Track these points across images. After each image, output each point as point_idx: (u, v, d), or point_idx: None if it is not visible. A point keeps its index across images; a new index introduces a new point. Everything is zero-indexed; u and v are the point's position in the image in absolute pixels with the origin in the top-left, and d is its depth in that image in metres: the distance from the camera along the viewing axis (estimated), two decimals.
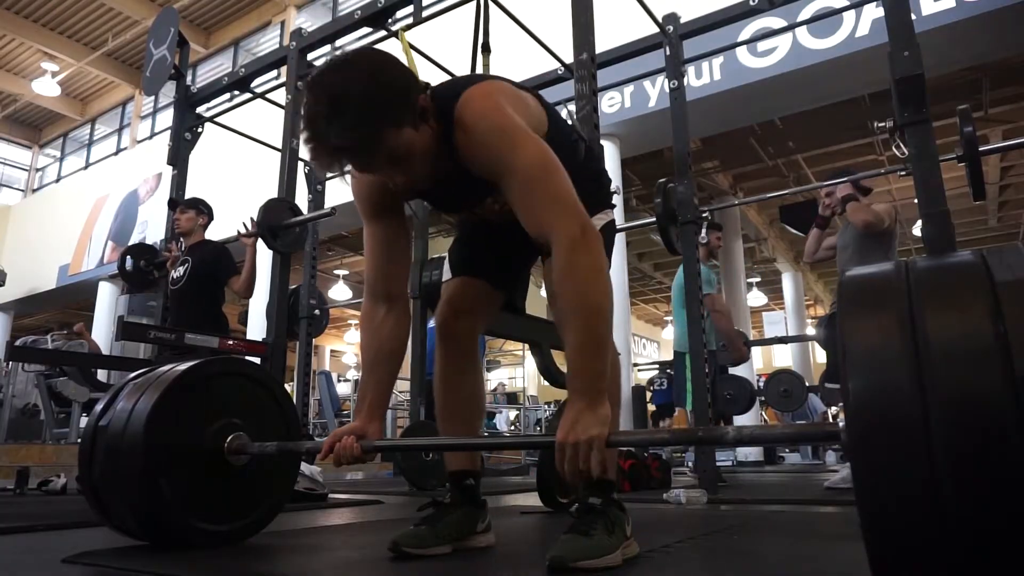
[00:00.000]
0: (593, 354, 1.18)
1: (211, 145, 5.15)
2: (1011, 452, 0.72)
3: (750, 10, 3.60)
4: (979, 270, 0.81)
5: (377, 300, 1.48)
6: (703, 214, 3.73)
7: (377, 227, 1.47)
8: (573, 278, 1.19)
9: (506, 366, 16.02)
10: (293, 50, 3.92)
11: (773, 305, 15.95)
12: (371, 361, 1.45)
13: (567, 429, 1.14)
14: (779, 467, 8.52)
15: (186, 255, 3.88)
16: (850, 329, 0.84)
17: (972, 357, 0.76)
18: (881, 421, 0.79)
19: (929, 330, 0.79)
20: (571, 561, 1.21)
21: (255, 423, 1.66)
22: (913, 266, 0.87)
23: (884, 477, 0.80)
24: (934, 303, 0.81)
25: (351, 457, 1.35)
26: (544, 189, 1.25)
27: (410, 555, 1.37)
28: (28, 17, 12.82)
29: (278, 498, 1.75)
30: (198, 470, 1.56)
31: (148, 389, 1.55)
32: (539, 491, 2.52)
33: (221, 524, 1.61)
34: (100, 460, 1.55)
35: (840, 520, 2.27)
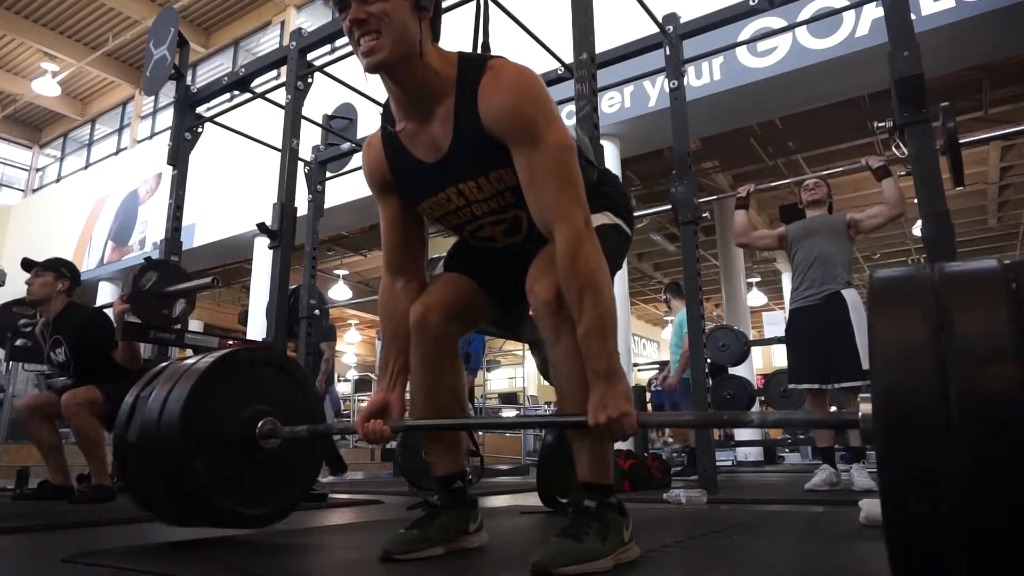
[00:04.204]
0: (605, 336, 1.22)
1: (211, 145, 5.16)
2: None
3: (750, 10, 3.59)
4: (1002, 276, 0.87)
5: (394, 275, 1.52)
6: (703, 215, 3.73)
7: (388, 204, 1.49)
8: (582, 264, 1.23)
9: (506, 366, 16.02)
10: (293, 50, 3.92)
11: (773, 305, 15.94)
12: (391, 334, 1.50)
13: (597, 410, 1.20)
14: (779, 467, 8.51)
15: (54, 333, 3.32)
16: (879, 325, 0.90)
17: (993, 356, 0.80)
18: (905, 412, 0.83)
19: (955, 328, 0.83)
20: (553, 566, 1.17)
21: (282, 409, 1.70)
22: (940, 269, 0.92)
23: (905, 467, 0.83)
24: (959, 304, 0.86)
25: (381, 439, 1.44)
26: (566, 172, 1.27)
27: (402, 560, 1.36)
28: (28, 17, 12.82)
29: (306, 482, 1.80)
30: (232, 455, 1.61)
31: (181, 379, 1.60)
32: (539, 491, 2.51)
33: (255, 507, 1.66)
34: (136, 448, 1.59)
35: (840, 520, 2.27)
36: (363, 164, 1.51)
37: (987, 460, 0.78)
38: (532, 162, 1.27)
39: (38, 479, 3.44)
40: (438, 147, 1.36)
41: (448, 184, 1.39)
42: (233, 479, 1.61)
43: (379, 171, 1.47)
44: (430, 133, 1.36)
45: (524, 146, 1.27)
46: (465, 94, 1.31)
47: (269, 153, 4.89)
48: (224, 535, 1.97)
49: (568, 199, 1.26)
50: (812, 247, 3.76)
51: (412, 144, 1.40)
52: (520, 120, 1.27)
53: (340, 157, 5.71)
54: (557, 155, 1.27)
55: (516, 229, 1.44)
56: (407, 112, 1.38)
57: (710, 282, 12.44)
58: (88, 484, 3.27)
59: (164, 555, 1.50)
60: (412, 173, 1.42)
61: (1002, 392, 0.79)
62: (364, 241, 12.40)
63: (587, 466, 1.36)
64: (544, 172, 1.27)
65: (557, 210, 1.26)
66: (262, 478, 1.67)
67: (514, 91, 1.28)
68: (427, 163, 1.39)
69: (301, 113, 3.91)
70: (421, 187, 1.43)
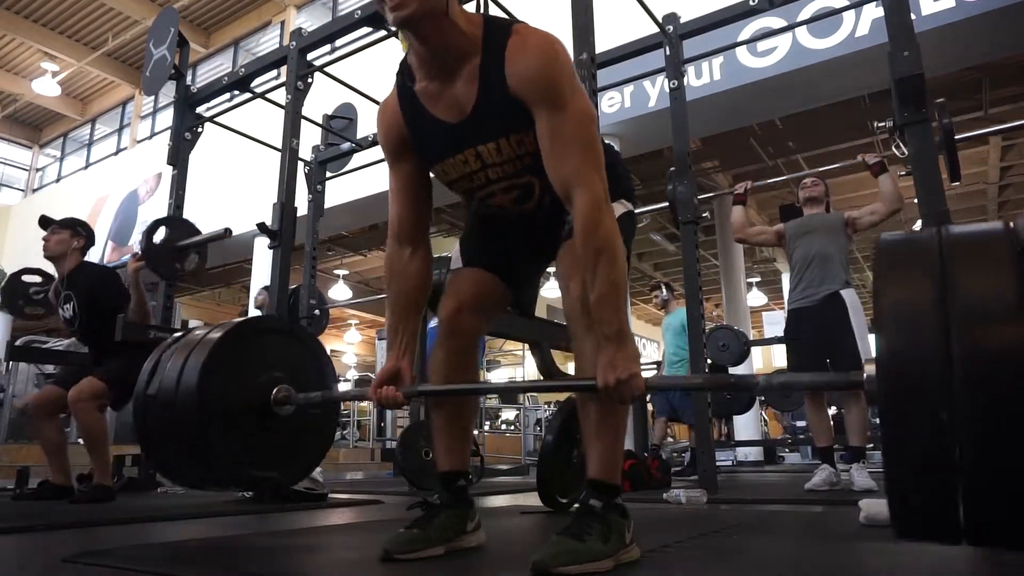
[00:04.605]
0: (617, 300, 1.25)
1: (211, 145, 5.16)
2: None
3: (750, 10, 3.60)
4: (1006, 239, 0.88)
5: (402, 243, 1.52)
6: (703, 214, 3.73)
7: (401, 170, 1.49)
8: (599, 231, 1.26)
9: (506, 366, 16.03)
10: (293, 50, 3.92)
11: (773, 305, 15.94)
12: (399, 301, 1.50)
13: (606, 371, 1.22)
14: (779, 467, 8.51)
15: (66, 288, 3.36)
16: (885, 288, 0.92)
17: (997, 317, 0.83)
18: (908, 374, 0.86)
19: (958, 290, 0.86)
20: (553, 566, 1.17)
21: (296, 376, 1.74)
22: (945, 232, 0.94)
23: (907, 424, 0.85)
24: (963, 266, 0.88)
25: (394, 404, 1.46)
26: (587, 141, 1.29)
27: (403, 560, 1.36)
28: (28, 17, 12.82)
29: (320, 447, 1.83)
30: (248, 421, 1.65)
31: (195, 349, 1.64)
32: (539, 491, 2.51)
33: (271, 470, 1.72)
34: (155, 414, 1.64)
35: (840, 520, 2.27)
36: (378, 127, 1.50)
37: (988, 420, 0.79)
38: (555, 127, 1.29)
39: (38, 479, 3.44)
40: (461, 107, 1.36)
41: (467, 146, 1.38)
42: (250, 444, 1.66)
43: (395, 133, 1.46)
44: (453, 93, 1.36)
45: (549, 110, 1.29)
46: (492, 55, 1.32)
47: (269, 153, 4.89)
48: (224, 535, 1.97)
49: (589, 167, 1.28)
50: (810, 246, 3.75)
51: (433, 104, 1.39)
52: (547, 83, 1.28)
53: (340, 157, 5.71)
54: (581, 122, 1.29)
55: (527, 197, 1.44)
56: (429, 71, 1.37)
57: (710, 282, 12.44)
58: (88, 484, 3.27)
59: (164, 555, 1.50)
60: (430, 133, 1.41)
61: (1004, 353, 0.80)
62: (364, 241, 12.40)
63: (598, 463, 1.36)
64: (567, 137, 1.28)
65: (577, 176, 1.27)
66: (279, 443, 1.72)
67: (542, 54, 1.29)
68: (448, 123, 1.38)
69: (301, 113, 3.91)
70: (439, 148, 1.42)
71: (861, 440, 3.61)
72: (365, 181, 7.00)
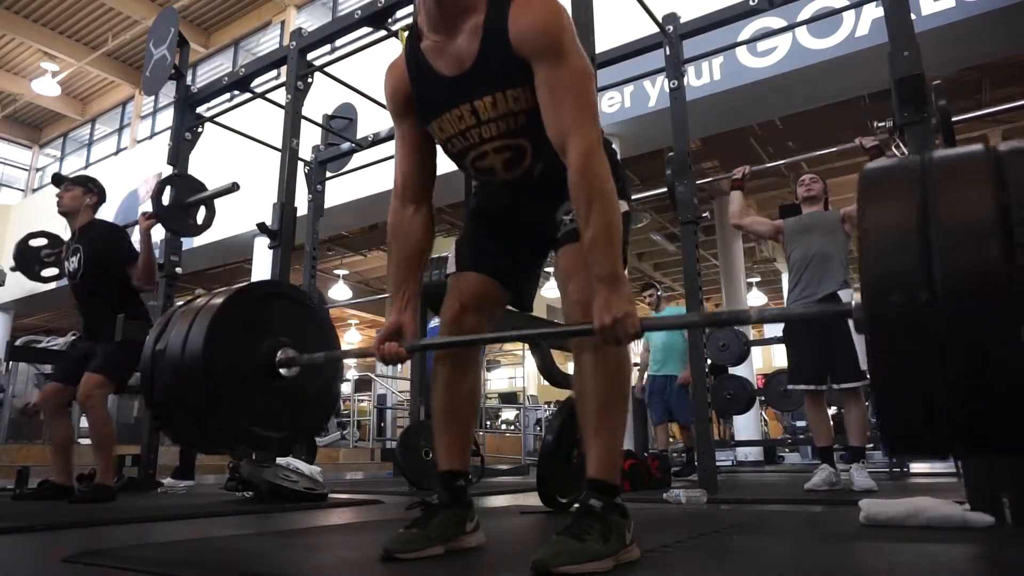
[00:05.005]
0: (610, 243, 1.28)
1: (211, 145, 5.16)
2: (1009, 323, 0.82)
3: (750, 10, 3.60)
4: (986, 161, 0.90)
5: (405, 202, 1.55)
6: (703, 214, 3.72)
7: (406, 127, 1.53)
8: (591, 178, 1.30)
9: (506, 366, 16.03)
10: (293, 50, 3.92)
11: (773, 305, 15.93)
12: (402, 258, 1.54)
13: (602, 311, 1.24)
14: (779, 467, 8.51)
15: (76, 242, 3.42)
16: (868, 215, 0.94)
17: (976, 239, 0.85)
18: (892, 295, 0.89)
19: (940, 213, 0.88)
20: (553, 565, 1.18)
21: (299, 338, 1.77)
22: (928, 157, 0.96)
23: (894, 345, 0.89)
24: (945, 189, 0.90)
25: (397, 359, 1.48)
26: (584, 94, 1.34)
27: (403, 560, 1.36)
28: (28, 17, 12.82)
29: (324, 408, 1.90)
30: (253, 383, 1.69)
31: (200, 314, 1.67)
32: (539, 491, 2.51)
33: (277, 431, 1.75)
34: (162, 379, 1.67)
35: (840, 520, 2.27)
36: (385, 86, 1.54)
37: (969, 335, 0.83)
38: (554, 81, 1.33)
39: (38, 479, 3.44)
40: (461, 61, 1.40)
41: (464, 100, 1.41)
42: (256, 405, 1.70)
43: (401, 91, 1.50)
44: (456, 47, 1.40)
45: (548, 65, 1.33)
46: (496, 11, 1.37)
47: (269, 153, 4.89)
48: (224, 535, 1.97)
49: (584, 118, 1.32)
50: (809, 246, 3.74)
51: (436, 59, 1.44)
52: (548, 39, 1.33)
53: (340, 157, 5.71)
54: (578, 78, 1.34)
55: (518, 160, 1.46)
56: (436, 25, 1.41)
57: (710, 282, 12.44)
58: (88, 484, 3.28)
59: (164, 555, 1.50)
60: (431, 88, 1.45)
61: (985, 271, 0.83)
62: (364, 241, 12.40)
63: (597, 462, 1.37)
64: (564, 91, 1.33)
65: (572, 126, 1.32)
66: (284, 404, 1.76)
67: (546, 13, 1.35)
68: (448, 76, 1.42)
69: (301, 113, 3.91)
70: (437, 102, 1.45)
71: (861, 440, 3.61)
72: (365, 181, 7.00)
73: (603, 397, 1.38)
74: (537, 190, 1.51)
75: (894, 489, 3.72)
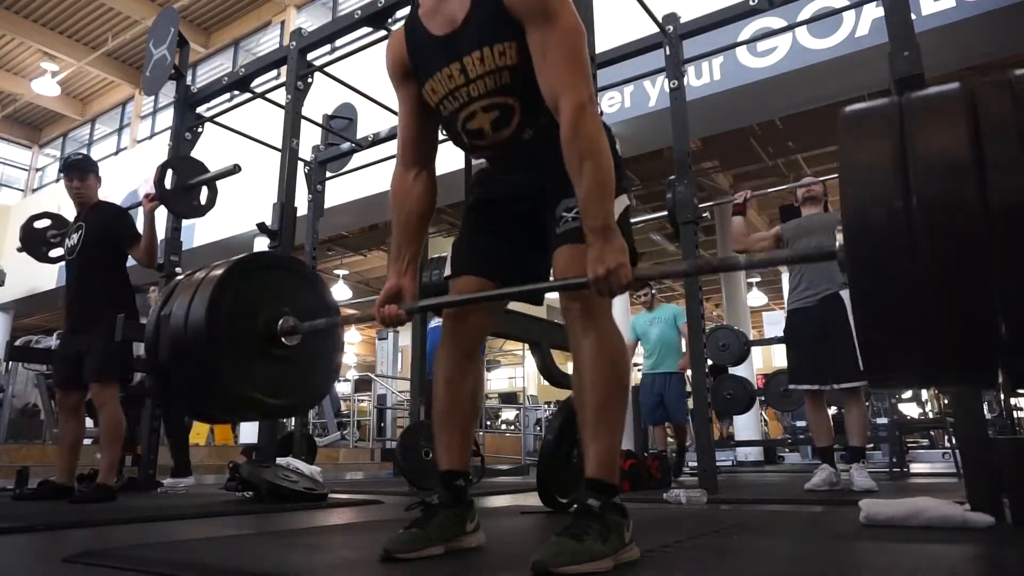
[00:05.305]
0: (603, 196, 1.30)
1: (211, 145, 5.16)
2: (981, 247, 0.87)
3: (750, 10, 3.60)
4: (962, 97, 0.94)
5: (407, 166, 1.59)
6: (703, 214, 3.72)
7: (407, 91, 1.57)
8: (582, 132, 1.31)
9: (506, 366, 16.03)
10: (293, 50, 3.92)
11: (773, 305, 15.94)
12: (403, 222, 1.57)
13: (595, 263, 1.27)
14: (779, 467, 8.52)
15: (81, 220, 3.47)
16: (848, 152, 0.98)
17: (951, 170, 0.89)
18: (873, 228, 0.93)
19: (917, 147, 0.92)
20: (553, 566, 1.18)
21: (299, 306, 1.80)
22: (907, 97, 1.00)
23: (875, 279, 0.94)
24: (921, 125, 0.94)
25: (397, 321, 1.52)
26: (575, 52, 1.36)
27: (403, 560, 1.36)
28: (28, 17, 12.83)
29: (327, 375, 1.94)
30: (256, 350, 1.72)
31: (201, 285, 1.69)
32: (539, 491, 2.51)
33: (282, 399, 1.78)
34: (166, 348, 1.69)
35: (840, 520, 2.27)
36: (386, 55, 1.59)
37: (944, 260, 0.88)
38: (546, 40, 1.36)
39: (38, 479, 3.44)
40: (453, 20, 1.45)
41: (454, 58, 1.45)
42: (260, 374, 1.72)
43: (399, 58, 1.55)
44: (449, 7, 1.45)
45: (540, 24, 1.36)
46: None
47: (269, 153, 4.89)
48: (224, 535, 1.97)
49: (576, 76, 1.34)
50: (808, 246, 3.73)
51: (430, 21, 1.49)
52: None
53: (340, 157, 5.71)
54: (569, 37, 1.36)
55: (506, 120, 1.46)
56: None
57: (710, 282, 12.44)
58: (88, 484, 3.28)
59: (164, 555, 1.50)
60: (425, 49, 1.50)
61: (959, 203, 0.87)
62: (364, 241, 12.41)
63: (596, 462, 1.37)
64: (556, 50, 1.35)
65: (564, 84, 1.34)
66: (287, 372, 1.79)
67: None
68: (439, 36, 1.47)
69: (301, 113, 3.91)
70: (430, 63, 1.49)
71: (861, 440, 3.61)
72: (365, 181, 7.00)
73: (601, 397, 1.38)
74: (534, 179, 1.51)
75: (894, 489, 3.72)
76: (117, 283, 3.42)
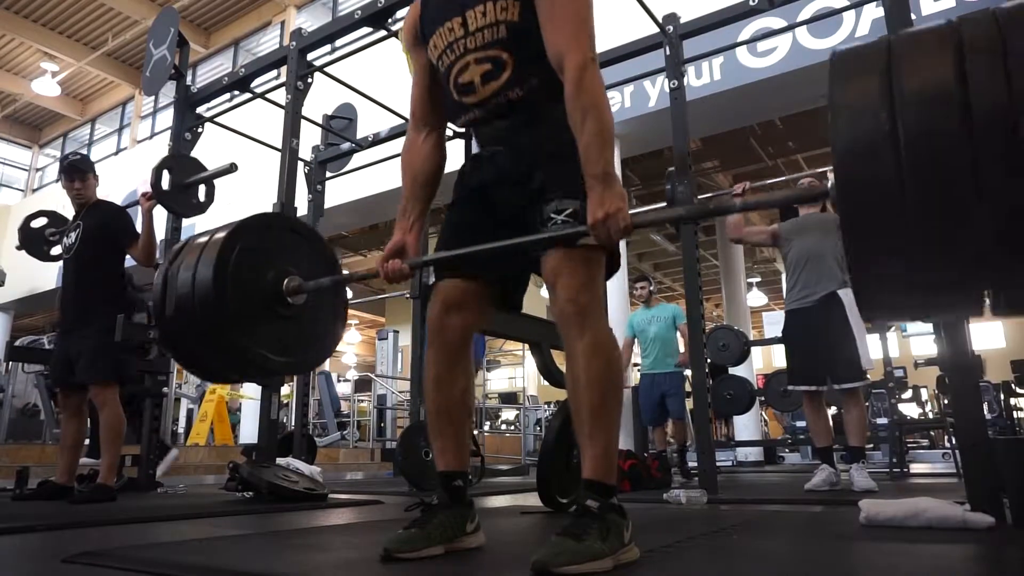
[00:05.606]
0: (603, 145, 1.36)
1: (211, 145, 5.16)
2: (965, 178, 0.91)
3: (750, 10, 3.59)
4: (946, 32, 0.98)
5: (418, 127, 1.67)
6: None
7: (418, 56, 1.66)
8: (585, 87, 1.37)
9: (506, 366, 16.03)
10: (293, 50, 3.92)
11: (773, 305, 15.95)
12: (411, 181, 1.64)
13: (595, 207, 1.31)
14: (779, 467, 8.52)
15: (80, 219, 3.47)
16: (837, 90, 1.02)
17: (935, 100, 0.93)
18: (862, 161, 0.97)
19: (903, 80, 0.96)
20: (553, 566, 1.18)
21: (302, 266, 1.84)
22: (895, 34, 1.04)
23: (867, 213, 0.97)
24: (907, 58, 0.98)
25: (400, 276, 1.57)
26: (582, 14, 1.43)
27: (403, 560, 1.36)
28: (28, 17, 12.83)
29: (333, 333, 1.97)
30: (263, 310, 1.75)
31: (207, 246, 1.72)
32: (539, 491, 2.51)
33: (290, 356, 1.81)
34: (173, 307, 1.72)
35: (840, 520, 2.27)
36: (403, 25, 1.70)
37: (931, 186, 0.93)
38: (553, 3, 1.42)
39: (38, 479, 3.44)
40: None
41: (457, 13, 1.53)
42: (266, 332, 1.75)
43: (413, 24, 1.65)
44: None
45: None
46: None
47: (269, 153, 4.89)
48: (224, 535, 1.97)
49: (580, 37, 1.41)
50: (804, 244, 3.74)
51: None
52: None
53: (340, 157, 5.71)
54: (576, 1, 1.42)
55: (495, 75, 1.50)
56: None
57: (710, 282, 12.43)
58: (88, 484, 3.28)
59: (164, 555, 1.50)
60: (435, 8, 1.58)
61: (942, 130, 0.91)
62: (364, 241, 12.40)
63: (593, 463, 1.37)
64: (564, 12, 1.42)
65: (569, 44, 1.40)
66: (294, 330, 1.83)
67: None
68: None
69: (301, 113, 3.91)
70: (436, 18, 1.57)
71: (860, 440, 3.61)
72: (365, 181, 7.00)
73: (598, 398, 1.38)
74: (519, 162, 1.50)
75: (894, 489, 3.72)
76: (114, 282, 3.42)
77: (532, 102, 1.48)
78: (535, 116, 1.49)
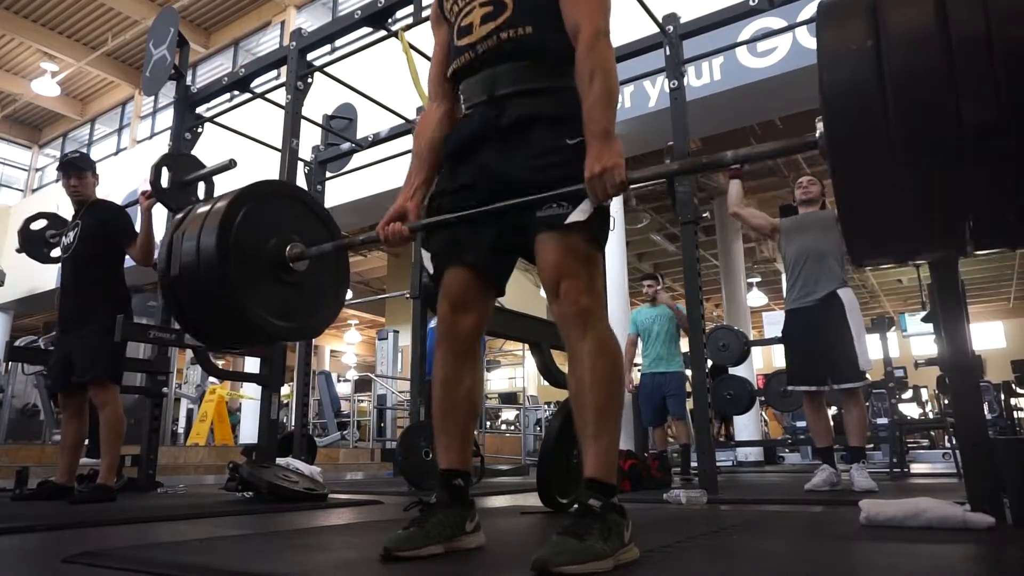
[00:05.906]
0: (607, 105, 1.41)
1: (211, 145, 5.16)
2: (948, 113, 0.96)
3: (750, 10, 3.60)
4: None
5: (434, 99, 1.71)
6: (703, 215, 3.72)
7: (441, 34, 1.73)
8: (596, 52, 1.45)
9: (506, 366, 16.03)
10: (293, 50, 3.92)
11: (773, 305, 15.94)
12: (419, 150, 1.68)
13: (594, 161, 1.35)
14: (779, 467, 8.52)
15: (79, 218, 3.46)
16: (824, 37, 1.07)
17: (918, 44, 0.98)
18: (849, 99, 1.02)
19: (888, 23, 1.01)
20: (554, 565, 1.18)
21: (304, 232, 1.86)
22: None
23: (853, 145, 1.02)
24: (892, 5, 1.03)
25: (400, 239, 1.61)
26: None
27: (402, 558, 1.36)
28: (28, 17, 12.83)
29: (336, 299, 2.00)
30: (267, 276, 1.78)
31: (210, 214, 1.74)
32: (539, 491, 2.51)
33: (292, 321, 1.84)
34: (179, 274, 1.74)
35: (840, 520, 2.27)
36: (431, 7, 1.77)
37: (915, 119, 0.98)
38: None
39: (38, 479, 3.44)
40: None
41: None
42: (270, 299, 1.77)
43: (437, 5, 1.73)
44: None
45: None
46: None
47: (269, 153, 4.89)
48: (224, 535, 1.97)
49: (596, 10, 1.49)
50: (803, 243, 3.74)
51: None
52: None
53: (340, 157, 5.71)
54: None
55: (494, 16, 1.56)
56: None
57: (710, 282, 12.43)
58: (88, 484, 3.28)
59: (164, 555, 1.50)
60: None
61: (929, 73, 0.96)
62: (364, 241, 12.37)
63: (594, 463, 1.37)
64: None
65: (585, 13, 1.48)
66: (297, 296, 1.85)
67: None
68: None
69: (301, 113, 3.91)
70: None
71: (861, 441, 3.61)
72: (365, 181, 6.99)
73: (603, 397, 1.39)
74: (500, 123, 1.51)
75: (894, 489, 3.72)
76: (113, 281, 3.41)
77: (523, 47, 1.52)
78: (520, 62, 1.53)
